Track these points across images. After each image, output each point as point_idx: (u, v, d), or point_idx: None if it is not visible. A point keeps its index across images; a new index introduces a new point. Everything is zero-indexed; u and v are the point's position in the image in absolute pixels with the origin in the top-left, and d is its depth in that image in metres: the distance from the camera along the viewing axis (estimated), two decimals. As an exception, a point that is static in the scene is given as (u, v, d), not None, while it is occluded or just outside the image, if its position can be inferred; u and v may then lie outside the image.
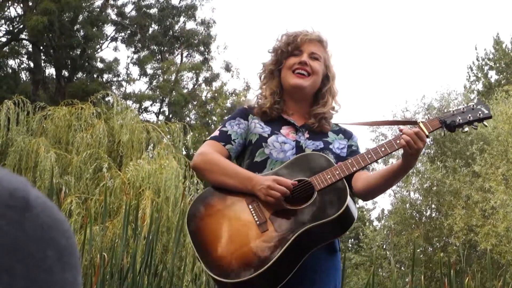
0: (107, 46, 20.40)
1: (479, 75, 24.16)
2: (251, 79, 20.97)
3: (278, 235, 2.02)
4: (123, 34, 20.67)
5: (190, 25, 21.11)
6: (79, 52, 18.39)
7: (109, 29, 20.30)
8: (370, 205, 25.39)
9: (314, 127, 2.29)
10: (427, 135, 2.03)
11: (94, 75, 19.36)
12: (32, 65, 18.94)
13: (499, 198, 13.09)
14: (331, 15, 49.97)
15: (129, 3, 20.55)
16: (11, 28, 18.93)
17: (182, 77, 21.60)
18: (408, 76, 44.18)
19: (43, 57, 18.89)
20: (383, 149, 2.11)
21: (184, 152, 13.86)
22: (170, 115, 20.33)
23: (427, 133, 2.04)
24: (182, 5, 20.82)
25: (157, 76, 21.20)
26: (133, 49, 20.85)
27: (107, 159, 9.08)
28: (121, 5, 20.52)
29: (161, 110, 21.34)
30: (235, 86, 21.90)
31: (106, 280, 3.76)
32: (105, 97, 13.22)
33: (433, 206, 16.92)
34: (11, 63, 19.49)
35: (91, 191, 8.66)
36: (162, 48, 21.29)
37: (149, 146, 10.67)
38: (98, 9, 19.37)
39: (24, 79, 19.61)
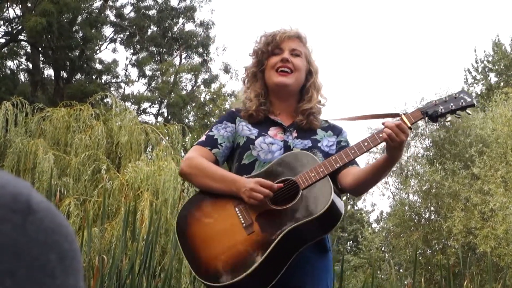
0: (106, 47, 20.47)
1: (478, 78, 24.19)
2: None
3: (264, 236, 2.02)
4: (122, 36, 20.71)
5: (189, 26, 21.19)
6: (77, 54, 18.41)
7: (108, 31, 20.36)
8: (369, 207, 25.47)
9: (303, 124, 2.29)
10: (410, 127, 2.03)
11: (93, 77, 19.38)
12: (30, 66, 18.96)
13: (498, 201, 13.09)
14: (331, 19, 50.12)
15: (128, 4, 20.61)
16: (9, 29, 18.94)
17: (181, 79, 21.65)
18: (407, 78, 44.29)
19: (42, 58, 18.89)
20: (366, 143, 2.11)
21: (182, 154, 13.83)
22: (169, 117, 20.36)
23: (409, 124, 2.04)
24: (181, 7, 20.86)
25: (155, 78, 21.23)
26: (131, 51, 20.90)
27: (105, 161, 9.08)
28: (120, 6, 20.58)
29: (160, 111, 21.39)
30: (234, 87, 21.92)
31: (105, 282, 3.76)
32: (104, 99, 13.24)
33: (432, 208, 16.93)
34: (10, 64, 19.52)
35: (89, 192, 8.67)
36: (161, 49, 21.32)
37: (148, 148, 10.68)
38: (97, 10, 19.38)
39: (23, 80, 19.62)
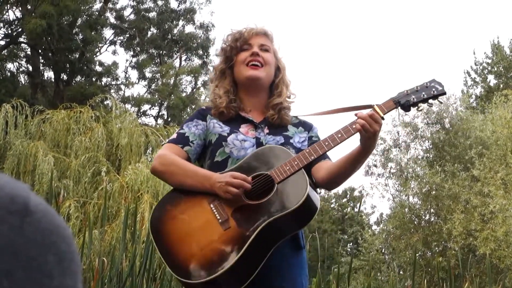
0: (106, 49, 20.49)
1: (477, 80, 24.19)
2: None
3: (241, 231, 2.00)
4: (122, 38, 20.72)
5: (189, 28, 21.20)
6: (77, 56, 18.42)
7: (108, 33, 20.38)
8: (369, 210, 25.44)
9: (274, 119, 2.28)
10: (382, 117, 2.04)
11: (93, 79, 19.39)
12: (30, 68, 18.97)
13: (498, 203, 13.08)
14: (331, 23, 50.16)
15: (128, 6, 20.65)
16: (9, 32, 18.96)
17: (181, 81, 21.65)
18: (407, 80, 44.22)
19: (42, 61, 18.90)
20: (339, 135, 2.10)
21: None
22: (169, 119, 20.36)
23: (382, 114, 2.04)
24: (181, 9, 20.88)
25: (155, 80, 21.24)
26: (132, 53, 20.91)
27: (105, 163, 9.08)
28: (120, 8, 20.60)
29: (160, 113, 21.38)
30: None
31: (105, 284, 3.76)
32: (104, 101, 13.26)
33: (432, 210, 16.91)
34: (10, 66, 19.54)
35: (89, 194, 8.67)
36: (161, 51, 21.34)
37: (148, 150, 10.68)
38: (97, 13, 19.40)
39: (23, 82, 19.63)
